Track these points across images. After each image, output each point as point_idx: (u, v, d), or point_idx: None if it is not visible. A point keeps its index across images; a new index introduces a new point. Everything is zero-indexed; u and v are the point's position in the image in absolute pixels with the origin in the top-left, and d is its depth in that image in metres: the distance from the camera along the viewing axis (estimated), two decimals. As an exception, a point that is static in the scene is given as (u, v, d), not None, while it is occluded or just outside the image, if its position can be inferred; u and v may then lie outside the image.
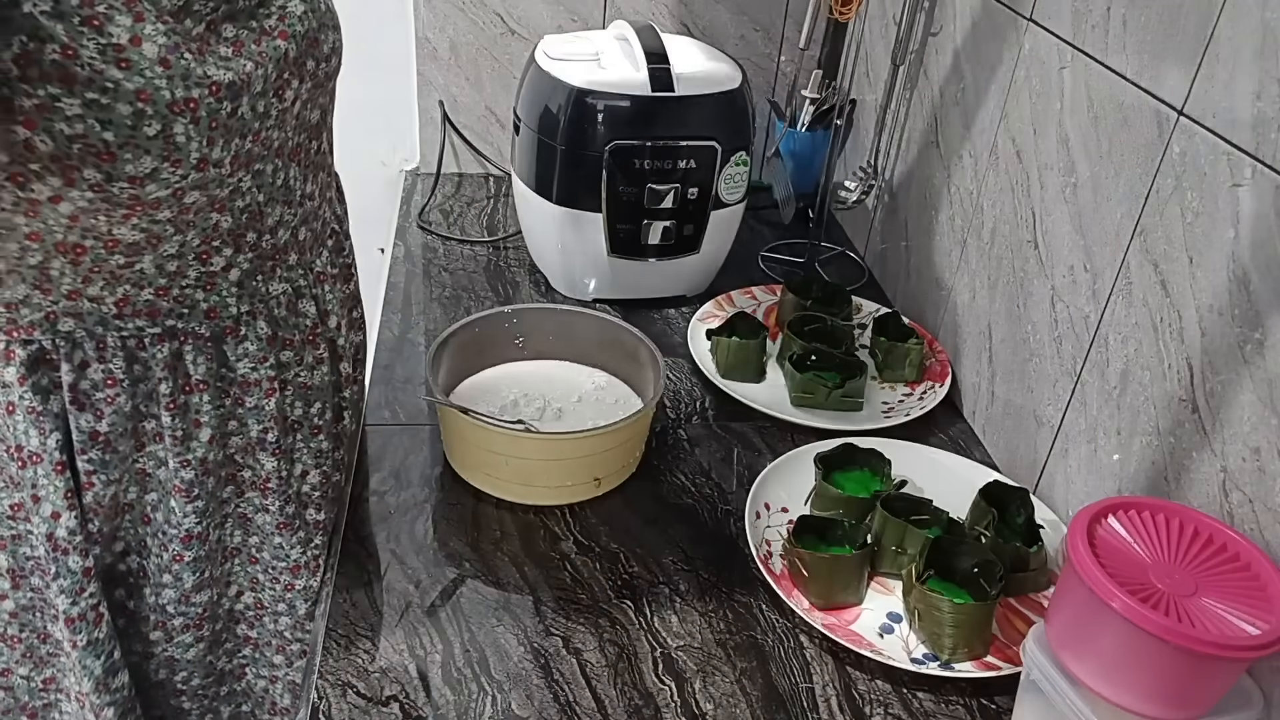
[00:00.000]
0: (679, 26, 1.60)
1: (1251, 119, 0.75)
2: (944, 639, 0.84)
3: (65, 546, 0.75)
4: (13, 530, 0.78)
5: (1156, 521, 0.72)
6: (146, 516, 0.81)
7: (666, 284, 1.33)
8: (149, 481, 0.79)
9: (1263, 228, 0.74)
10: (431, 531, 0.95)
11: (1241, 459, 0.76)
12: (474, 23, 1.56)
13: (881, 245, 1.46)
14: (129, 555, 0.82)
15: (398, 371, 1.16)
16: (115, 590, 0.82)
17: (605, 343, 1.12)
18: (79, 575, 0.76)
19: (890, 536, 0.93)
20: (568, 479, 0.98)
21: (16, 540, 0.78)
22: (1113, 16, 0.92)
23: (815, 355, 1.16)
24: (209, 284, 0.75)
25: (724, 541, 0.96)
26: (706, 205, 1.25)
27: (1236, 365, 0.77)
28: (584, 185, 1.22)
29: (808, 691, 0.82)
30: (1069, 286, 0.99)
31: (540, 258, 1.36)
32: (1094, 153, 0.94)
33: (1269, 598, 0.66)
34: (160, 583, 0.83)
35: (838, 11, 1.35)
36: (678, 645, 0.85)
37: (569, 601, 0.88)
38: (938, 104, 1.27)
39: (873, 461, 1.03)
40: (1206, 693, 0.67)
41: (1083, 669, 0.69)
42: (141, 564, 0.82)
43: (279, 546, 0.88)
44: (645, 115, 1.19)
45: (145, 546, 0.82)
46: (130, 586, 0.83)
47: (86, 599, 0.77)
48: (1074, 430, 0.98)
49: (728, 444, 1.10)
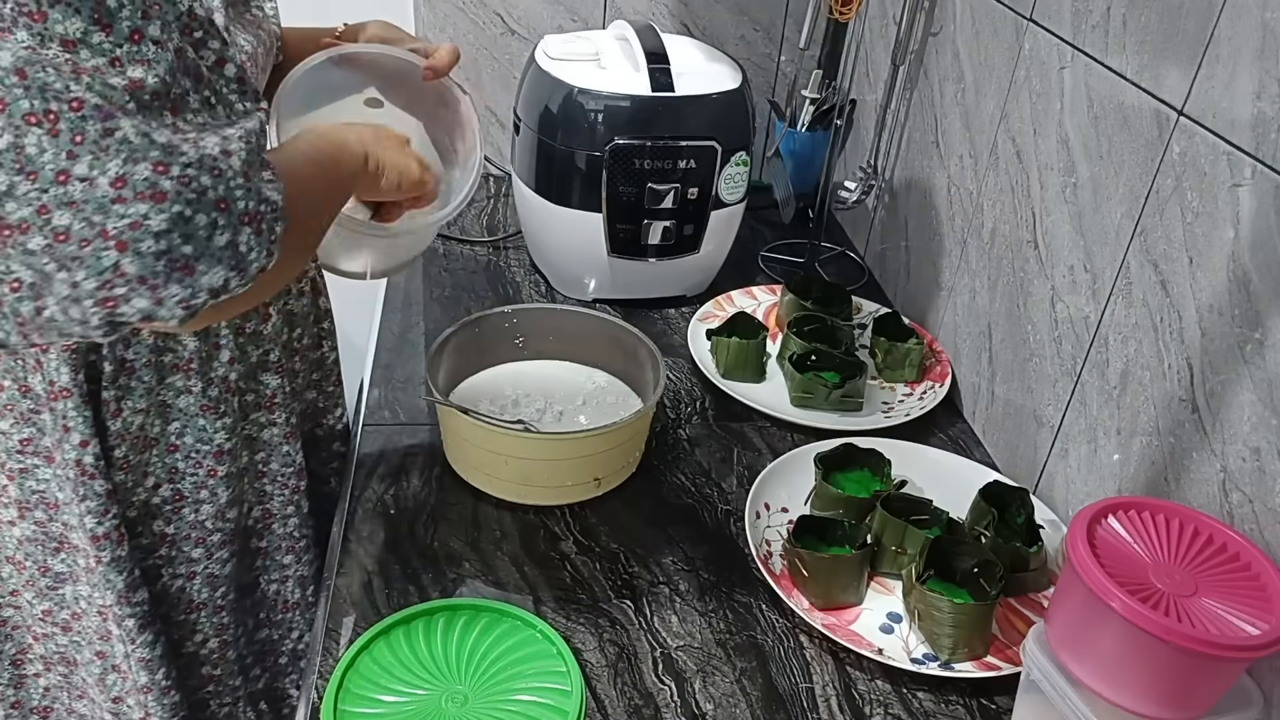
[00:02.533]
0: (679, 26, 1.60)
1: (1251, 119, 0.75)
2: (944, 639, 0.84)
3: (92, 471, 0.81)
4: (21, 464, 0.83)
5: (1156, 521, 0.72)
6: (172, 445, 0.87)
7: (666, 284, 1.33)
8: (170, 412, 0.85)
9: (1263, 228, 0.74)
10: (431, 531, 0.95)
11: (1241, 459, 0.76)
12: (474, 23, 1.56)
13: (881, 245, 1.46)
14: (161, 486, 0.87)
15: (398, 371, 1.16)
16: (154, 522, 0.88)
17: (605, 343, 1.12)
18: (104, 498, 0.82)
19: (890, 536, 0.93)
20: (568, 479, 0.98)
21: (24, 474, 0.83)
22: (1113, 16, 0.92)
23: (815, 355, 1.16)
24: None
25: (724, 541, 0.96)
26: (706, 205, 1.25)
27: (1236, 365, 0.77)
28: (584, 185, 1.22)
29: (808, 691, 0.82)
30: (1069, 286, 0.99)
31: (540, 258, 1.36)
32: (1094, 153, 0.94)
33: (1269, 598, 0.66)
34: (198, 499, 0.89)
35: (838, 11, 1.35)
36: (678, 645, 0.85)
37: (569, 601, 0.88)
38: (938, 104, 1.27)
39: (873, 461, 1.03)
40: (1206, 693, 0.67)
41: (1083, 669, 0.69)
42: (175, 489, 0.88)
43: (286, 455, 0.95)
44: (645, 115, 1.19)
45: (177, 471, 0.88)
46: (168, 514, 0.88)
47: (110, 520, 0.83)
48: (1074, 430, 0.98)
49: (728, 444, 1.10)
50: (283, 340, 0.93)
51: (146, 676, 0.89)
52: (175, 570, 0.91)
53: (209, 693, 0.97)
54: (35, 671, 0.97)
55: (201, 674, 0.96)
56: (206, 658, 0.96)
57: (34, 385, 0.80)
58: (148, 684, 0.90)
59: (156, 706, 0.91)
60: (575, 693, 0.76)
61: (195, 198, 0.58)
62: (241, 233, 0.61)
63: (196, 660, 0.95)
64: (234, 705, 1.00)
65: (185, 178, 0.58)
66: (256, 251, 0.62)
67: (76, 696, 0.97)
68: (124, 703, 0.94)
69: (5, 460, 0.83)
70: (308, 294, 0.98)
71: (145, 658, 0.89)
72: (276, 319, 0.91)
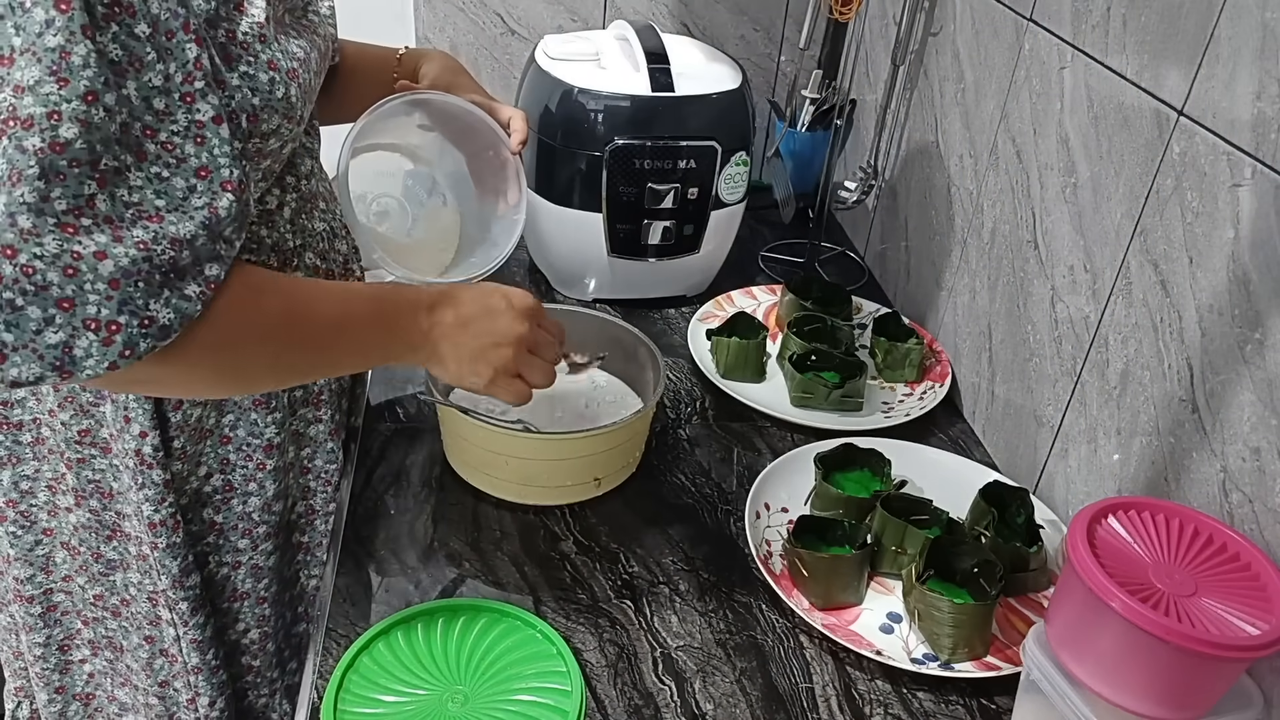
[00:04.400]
0: (679, 26, 1.60)
1: (1251, 119, 0.75)
2: (944, 639, 0.84)
3: (150, 461, 0.83)
4: (79, 454, 0.85)
5: (1156, 521, 0.72)
6: (226, 437, 0.88)
7: (666, 284, 1.33)
8: (225, 404, 0.87)
9: (1263, 228, 0.74)
10: (431, 531, 0.95)
11: (1241, 459, 0.76)
12: (474, 23, 1.56)
13: (881, 245, 1.46)
14: (213, 476, 0.89)
15: (398, 371, 1.16)
16: (204, 510, 0.90)
17: (605, 343, 1.12)
18: (161, 486, 0.84)
19: (890, 536, 0.93)
20: (568, 479, 0.98)
21: (81, 464, 0.86)
22: (1113, 16, 0.92)
23: (815, 355, 1.16)
24: (269, 222, 0.83)
25: (724, 541, 0.96)
26: (706, 205, 1.25)
27: (1236, 365, 0.77)
28: (584, 185, 1.22)
29: (808, 691, 0.82)
30: (1069, 286, 0.99)
31: (540, 258, 1.36)
32: (1094, 153, 0.94)
33: (1269, 598, 0.66)
34: (246, 491, 0.91)
35: (838, 11, 1.35)
36: (678, 645, 0.85)
37: (569, 601, 0.88)
38: (938, 104, 1.27)
39: (873, 461, 1.03)
40: (1206, 693, 0.67)
41: (1083, 669, 0.69)
42: (226, 479, 0.90)
43: (330, 451, 0.97)
44: (645, 115, 1.19)
45: (229, 463, 0.90)
46: (217, 503, 0.91)
47: (166, 507, 0.85)
48: (1074, 430, 0.98)
49: (728, 444, 1.10)
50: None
51: (198, 657, 0.91)
52: (222, 559, 0.93)
53: (248, 683, 0.99)
54: (81, 657, 0.99)
55: (241, 663, 0.98)
56: (247, 647, 0.97)
57: None
58: (199, 664, 0.92)
59: (205, 686, 0.93)
60: (575, 693, 0.76)
61: (34, 290, 0.57)
62: (81, 337, 0.59)
63: (238, 649, 0.97)
64: (270, 697, 1.01)
65: (30, 268, 0.57)
66: (95, 360, 0.60)
67: (119, 684, 0.99)
68: (170, 686, 0.96)
69: (64, 450, 0.85)
70: None
71: (197, 639, 0.91)
72: None
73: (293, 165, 0.85)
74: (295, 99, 0.74)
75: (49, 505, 0.90)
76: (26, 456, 0.88)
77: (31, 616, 0.95)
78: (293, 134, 0.76)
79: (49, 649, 0.97)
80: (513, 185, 1.02)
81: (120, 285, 0.60)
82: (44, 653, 0.97)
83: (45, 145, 0.56)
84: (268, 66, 0.71)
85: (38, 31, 0.56)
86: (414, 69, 1.00)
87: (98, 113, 0.58)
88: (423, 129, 1.01)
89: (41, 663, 0.98)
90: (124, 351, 0.61)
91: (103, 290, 0.59)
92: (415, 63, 1.01)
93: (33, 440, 0.87)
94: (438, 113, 0.99)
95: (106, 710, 1.02)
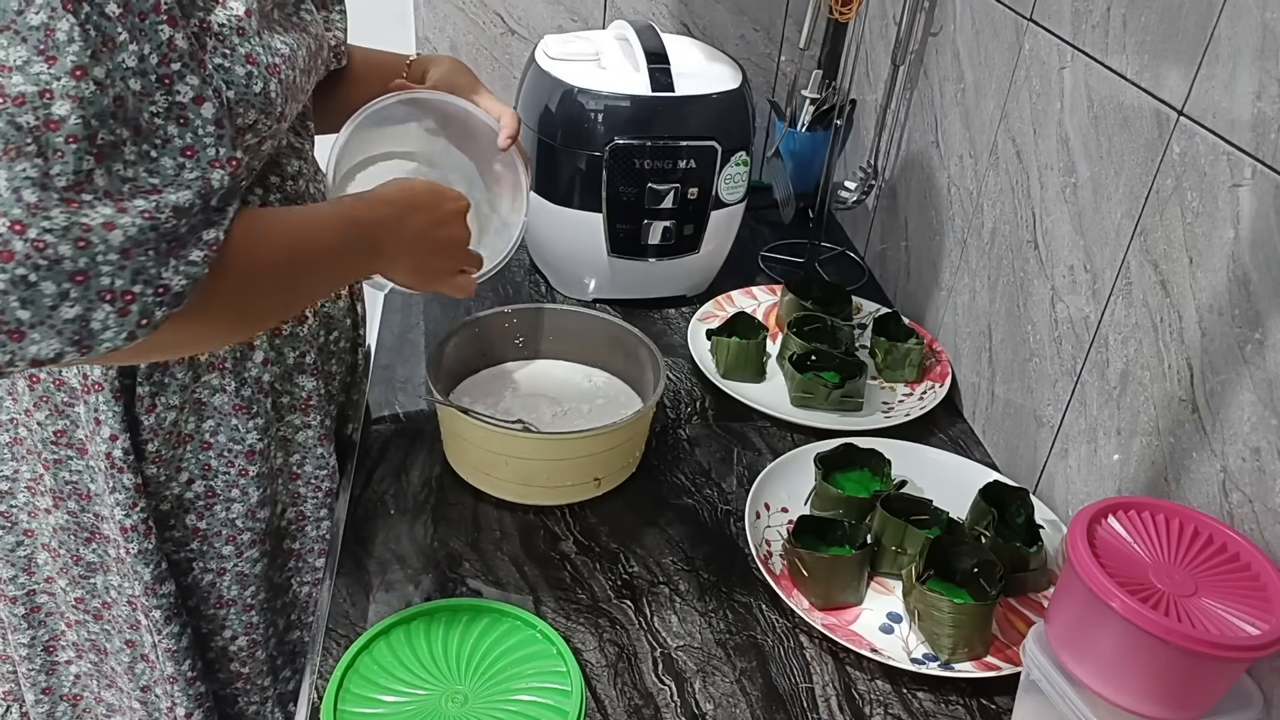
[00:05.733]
0: (679, 26, 1.60)
1: (1251, 119, 0.75)
2: (944, 639, 0.84)
3: (121, 465, 0.82)
4: (55, 455, 0.85)
5: (1156, 521, 0.72)
6: (206, 443, 0.87)
7: (666, 284, 1.33)
8: (205, 410, 0.86)
9: (1263, 228, 0.74)
10: (431, 531, 0.95)
11: (1241, 459, 0.76)
12: (474, 23, 1.56)
13: (881, 245, 1.46)
14: (194, 482, 0.88)
15: (398, 371, 1.16)
16: (186, 516, 0.89)
17: (605, 343, 1.12)
18: (132, 491, 0.83)
19: (890, 536, 0.93)
20: (568, 479, 0.98)
21: (59, 464, 0.85)
22: (1113, 16, 0.92)
23: (815, 355, 1.16)
24: None
25: (724, 541, 0.96)
26: (706, 205, 1.25)
27: (1236, 365, 0.77)
28: (584, 185, 1.22)
29: (808, 691, 0.82)
30: (1069, 286, 0.99)
31: (540, 257, 1.36)
32: (1094, 153, 0.94)
33: (1269, 598, 0.66)
34: (229, 497, 0.90)
35: (838, 11, 1.35)
36: (678, 645, 0.85)
37: (569, 601, 0.88)
38: (938, 104, 1.27)
39: (873, 461, 1.03)
40: (1206, 693, 0.67)
41: (1083, 669, 0.69)
42: (208, 485, 0.89)
43: (321, 457, 0.95)
44: (645, 115, 1.19)
45: (210, 469, 0.88)
46: (200, 509, 0.90)
47: (138, 513, 0.84)
48: (1074, 430, 0.98)
49: (728, 444, 1.10)
50: (319, 343, 0.93)
51: (173, 667, 0.91)
52: (206, 565, 0.92)
53: (238, 690, 0.98)
54: (67, 659, 0.98)
55: (230, 670, 0.97)
56: (235, 654, 0.96)
57: (68, 378, 0.81)
58: (174, 674, 0.91)
59: (183, 697, 0.92)
60: (575, 693, 0.76)
61: (46, 265, 0.56)
62: (97, 309, 0.59)
63: (225, 656, 0.96)
64: (262, 705, 1.00)
65: (41, 243, 0.56)
66: (113, 331, 0.60)
67: (105, 685, 0.99)
68: (152, 692, 0.95)
69: (41, 450, 0.85)
70: (344, 297, 0.99)
71: (171, 648, 0.90)
72: (313, 321, 0.92)
73: (277, 164, 0.84)
74: (275, 95, 0.72)
75: (29, 506, 0.90)
76: (5, 457, 0.88)
77: (16, 617, 0.95)
78: (272, 130, 0.75)
79: (34, 650, 0.97)
80: (519, 171, 1.01)
81: (132, 254, 0.59)
82: (29, 653, 0.97)
83: (40, 123, 0.56)
84: (245, 60, 0.70)
85: (17, 9, 0.55)
86: (422, 75, 1.00)
87: (88, 87, 0.57)
88: (428, 133, 1.00)
89: (27, 663, 0.97)
90: (140, 321, 0.61)
91: (115, 260, 0.59)
92: (424, 68, 1.00)
93: (10, 440, 0.87)
94: (434, 114, 0.99)
95: (95, 711, 1.01)
